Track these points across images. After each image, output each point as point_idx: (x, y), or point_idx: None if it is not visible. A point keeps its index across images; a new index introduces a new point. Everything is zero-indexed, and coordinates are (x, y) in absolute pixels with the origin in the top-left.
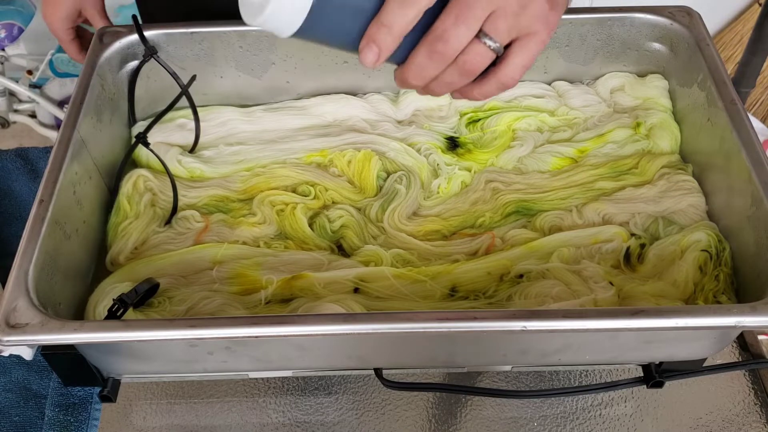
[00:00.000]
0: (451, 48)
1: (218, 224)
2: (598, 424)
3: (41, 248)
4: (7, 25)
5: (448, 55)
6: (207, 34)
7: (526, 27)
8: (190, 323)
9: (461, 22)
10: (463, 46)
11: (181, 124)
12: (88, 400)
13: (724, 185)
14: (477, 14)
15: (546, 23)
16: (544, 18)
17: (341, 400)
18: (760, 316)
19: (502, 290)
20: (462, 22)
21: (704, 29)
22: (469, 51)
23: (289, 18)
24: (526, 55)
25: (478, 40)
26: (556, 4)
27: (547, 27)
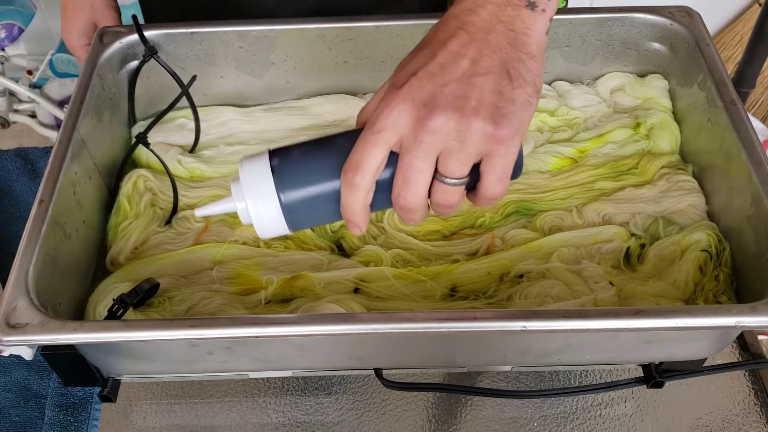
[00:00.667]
0: (414, 203)
1: (218, 224)
2: (598, 424)
3: (41, 248)
4: (7, 25)
5: (417, 207)
6: (207, 34)
7: (481, 151)
8: (190, 323)
9: (410, 181)
10: (424, 196)
11: (181, 124)
12: (88, 400)
13: (724, 185)
14: (421, 167)
15: (496, 139)
16: (491, 136)
17: (341, 400)
18: (760, 316)
19: (502, 290)
20: (411, 181)
21: (704, 29)
22: (436, 193)
23: (277, 227)
24: (495, 173)
25: (439, 182)
26: (503, 116)
27: (502, 141)
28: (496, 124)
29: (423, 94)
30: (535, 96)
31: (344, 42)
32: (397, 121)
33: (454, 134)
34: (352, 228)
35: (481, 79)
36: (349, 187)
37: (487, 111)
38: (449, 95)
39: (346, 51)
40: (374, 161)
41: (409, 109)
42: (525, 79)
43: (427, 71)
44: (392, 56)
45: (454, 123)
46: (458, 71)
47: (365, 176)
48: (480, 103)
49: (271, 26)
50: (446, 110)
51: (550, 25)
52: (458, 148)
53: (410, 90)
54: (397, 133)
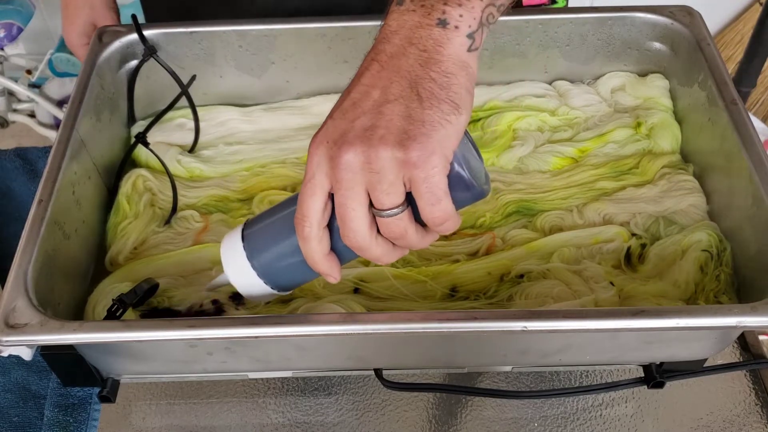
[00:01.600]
0: (360, 241)
1: (218, 224)
2: (599, 424)
3: (40, 248)
4: (7, 25)
5: (366, 245)
6: (206, 33)
7: (403, 178)
8: (190, 323)
9: (347, 220)
10: (367, 232)
11: (181, 123)
12: (88, 400)
13: (725, 185)
14: (351, 206)
15: (410, 163)
16: (403, 162)
17: (341, 400)
18: (760, 316)
19: (502, 290)
20: (347, 220)
21: (705, 29)
22: (381, 227)
23: (263, 292)
24: (424, 198)
25: (378, 217)
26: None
27: (416, 165)
28: (404, 148)
29: (335, 134)
30: (452, 113)
31: (344, 41)
32: (319, 166)
33: (368, 167)
34: (326, 276)
35: (390, 107)
36: (302, 240)
37: (394, 137)
38: (359, 129)
39: (346, 50)
40: (314, 209)
41: (325, 150)
42: (438, 98)
43: (341, 109)
44: None
45: (363, 156)
46: (369, 103)
47: (312, 226)
48: (388, 130)
49: (271, 26)
50: (354, 144)
51: (472, 42)
52: (377, 179)
53: (326, 132)
54: (325, 176)
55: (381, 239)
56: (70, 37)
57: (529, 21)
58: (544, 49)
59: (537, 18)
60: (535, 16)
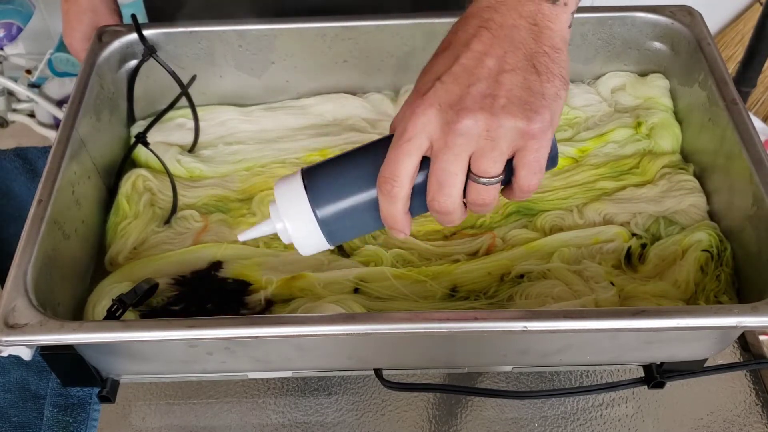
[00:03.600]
0: (450, 206)
1: (217, 224)
2: (599, 424)
3: (40, 248)
4: (6, 25)
5: (453, 210)
6: (206, 33)
7: (513, 147)
8: (190, 323)
9: (444, 186)
10: (459, 199)
11: (181, 123)
12: (87, 400)
13: (726, 185)
14: (454, 171)
15: (529, 134)
16: (524, 132)
17: (341, 400)
18: (761, 317)
19: (502, 290)
20: (445, 185)
21: (705, 28)
22: (471, 194)
23: (318, 243)
24: (530, 167)
25: (474, 183)
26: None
27: (535, 135)
28: (528, 119)
29: (449, 98)
30: (563, 88)
31: (344, 41)
32: (425, 127)
33: (485, 134)
34: (396, 233)
35: (508, 76)
36: (387, 198)
37: (517, 108)
38: (477, 96)
39: (346, 50)
40: (408, 170)
41: (437, 113)
42: (552, 73)
43: (452, 74)
44: (392, 55)
45: (484, 123)
46: (484, 71)
47: (402, 186)
48: (509, 100)
49: (271, 25)
50: (475, 111)
51: (572, 19)
52: (491, 147)
53: (436, 95)
54: (427, 138)
55: (463, 203)
56: (72, 42)
57: None
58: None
59: None
60: None
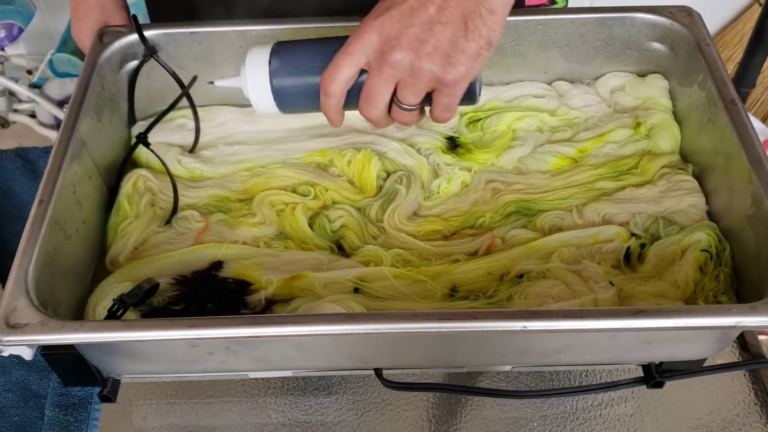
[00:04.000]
0: (374, 116)
1: (218, 224)
2: (599, 424)
3: (41, 248)
4: (7, 25)
5: (377, 119)
6: (207, 34)
7: (431, 87)
8: (190, 323)
9: (371, 99)
10: (382, 112)
11: (181, 124)
12: (88, 400)
13: (725, 185)
14: (380, 91)
15: (442, 82)
16: (438, 79)
17: (341, 400)
18: (760, 316)
19: (502, 290)
20: (371, 99)
21: (704, 29)
22: (393, 113)
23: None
24: (441, 106)
25: (396, 106)
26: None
27: (447, 84)
28: (444, 69)
29: (390, 30)
30: (486, 48)
31: None
32: (366, 48)
33: (409, 71)
34: (329, 122)
35: (441, 28)
36: (324, 92)
37: (438, 57)
38: (411, 37)
39: None
40: (345, 76)
41: (377, 40)
42: (480, 33)
43: (400, 10)
44: None
45: (409, 62)
46: (424, 16)
47: (337, 87)
48: (435, 49)
49: (271, 26)
50: (405, 49)
51: None
52: (411, 82)
53: (382, 24)
54: (365, 57)
55: (389, 117)
56: (81, 38)
57: (529, 21)
58: (543, 50)
59: (537, 18)
60: (535, 16)
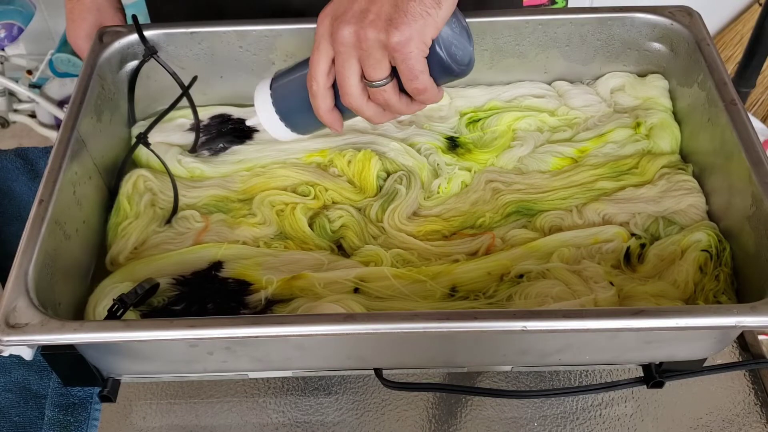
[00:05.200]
0: (354, 103)
1: (218, 224)
2: (599, 424)
3: (41, 248)
4: (7, 25)
5: (359, 106)
6: (207, 34)
7: (387, 56)
8: (190, 323)
9: (343, 85)
10: (359, 96)
11: (181, 123)
12: (88, 400)
13: (725, 185)
14: (346, 73)
15: (390, 47)
16: (384, 44)
17: (341, 400)
18: (760, 316)
19: (502, 290)
20: (343, 85)
21: (704, 29)
22: (371, 94)
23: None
24: (404, 74)
25: (368, 86)
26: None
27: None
28: (387, 33)
29: (338, 11)
30: (434, 6)
31: None
32: (323, 36)
33: (358, 44)
34: (330, 127)
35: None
36: (311, 95)
37: (381, 23)
38: (356, 11)
39: None
40: (321, 71)
41: (327, 24)
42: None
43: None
44: None
45: (355, 35)
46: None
47: (319, 83)
48: (377, 16)
49: (271, 26)
50: (349, 23)
51: None
52: (366, 55)
53: (331, 7)
54: (328, 45)
55: (372, 103)
56: (77, 41)
57: (529, 21)
58: (543, 50)
59: (537, 18)
60: (535, 16)
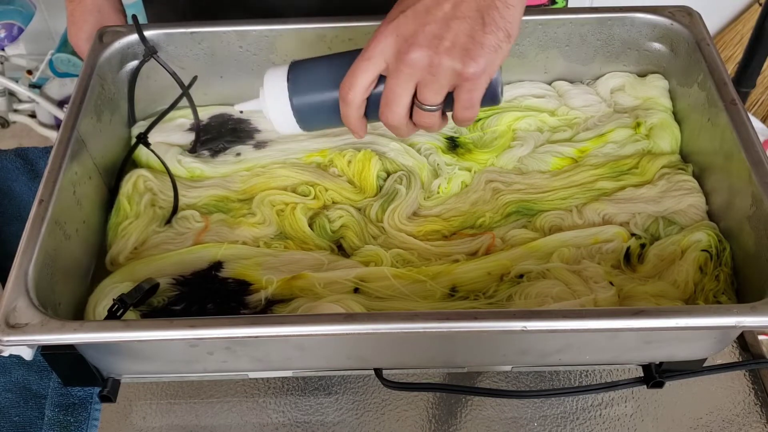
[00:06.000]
0: (395, 121)
1: (218, 224)
2: (599, 424)
3: (41, 248)
4: (7, 25)
5: (399, 125)
6: (207, 34)
7: (452, 84)
8: (190, 323)
9: (391, 103)
10: (403, 116)
11: (181, 123)
12: (88, 400)
13: (725, 185)
14: (400, 93)
15: (463, 76)
16: (459, 74)
17: (341, 400)
18: (760, 316)
19: (502, 290)
20: (392, 103)
21: (704, 29)
22: (415, 116)
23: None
24: (463, 103)
25: (417, 108)
26: (470, 58)
27: (468, 78)
28: (464, 63)
29: (406, 30)
30: (505, 41)
31: (344, 42)
32: (383, 51)
33: (428, 68)
34: (353, 133)
35: (458, 23)
36: (344, 101)
37: (457, 52)
38: (428, 34)
39: None
40: (363, 82)
41: (393, 41)
42: (498, 26)
43: (414, 10)
44: None
45: (428, 59)
46: (440, 13)
47: (357, 94)
48: (453, 44)
49: (271, 26)
50: (423, 47)
51: None
52: (432, 80)
53: (397, 25)
54: (384, 60)
55: (411, 122)
56: (78, 42)
57: (529, 21)
58: (543, 50)
59: (537, 18)
60: (535, 16)
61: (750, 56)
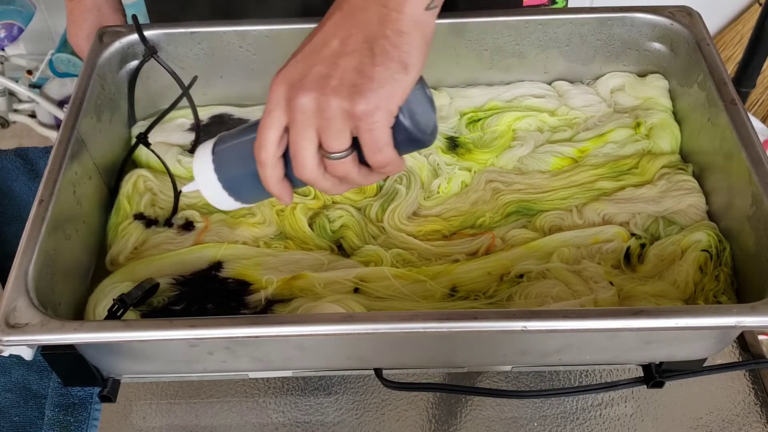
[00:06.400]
0: (308, 176)
1: (218, 224)
2: (599, 424)
3: (41, 248)
4: (7, 25)
5: (314, 179)
6: (207, 34)
7: (349, 126)
8: (190, 323)
9: (297, 157)
10: (314, 169)
11: (181, 123)
12: (88, 400)
13: (725, 185)
14: (302, 144)
15: (355, 116)
16: (349, 113)
17: (341, 400)
18: (760, 316)
19: (502, 290)
20: (298, 156)
21: (704, 29)
22: (328, 167)
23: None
24: (368, 146)
25: (325, 158)
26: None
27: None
28: (352, 101)
29: (294, 76)
30: (401, 72)
31: None
32: (278, 102)
33: (319, 113)
34: (278, 199)
35: (345, 59)
36: (259, 164)
37: (345, 89)
38: (315, 76)
39: None
40: (271, 140)
41: (284, 90)
42: (389, 56)
43: (303, 53)
44: None
45: (315, 102)
46: (327, 51)
47: (268, 154)
48: (341, 82)
49: (271, 26)
50: (310, 90)
51: (435, 1)
52: (327, 125)
53: (286, 73)
54: (282, 113)
55: (328, 174)
56: (77, 42)
57: (529, 21)
58: (543, 50)
59: (537, 18)
60: (535, 16)
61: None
